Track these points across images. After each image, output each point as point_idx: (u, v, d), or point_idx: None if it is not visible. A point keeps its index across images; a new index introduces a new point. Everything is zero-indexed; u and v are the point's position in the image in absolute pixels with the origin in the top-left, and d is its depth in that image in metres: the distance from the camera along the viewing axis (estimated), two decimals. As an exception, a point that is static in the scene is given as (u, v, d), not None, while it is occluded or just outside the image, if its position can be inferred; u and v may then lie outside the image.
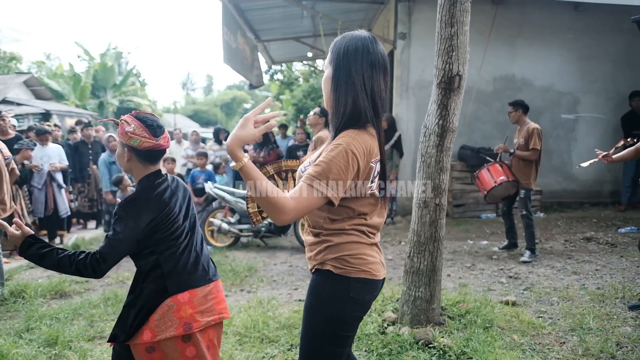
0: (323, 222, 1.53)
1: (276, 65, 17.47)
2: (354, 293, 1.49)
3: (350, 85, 1.47)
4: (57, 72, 23.20)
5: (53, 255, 1.71)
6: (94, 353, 3.06)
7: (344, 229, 1.51)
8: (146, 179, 1.85)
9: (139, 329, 1.77)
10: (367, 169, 1.48)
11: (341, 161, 1.40)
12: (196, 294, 1.83)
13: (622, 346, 2.88)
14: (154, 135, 1.81)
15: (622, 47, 8.03)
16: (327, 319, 1.50)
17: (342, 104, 1.48)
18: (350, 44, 1.49)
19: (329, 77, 1.53)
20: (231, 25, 8.27)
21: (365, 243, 1.53)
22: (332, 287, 1.50)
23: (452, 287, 4.13)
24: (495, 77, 8.05)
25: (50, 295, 4.27)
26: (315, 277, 1.56)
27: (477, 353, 2.73)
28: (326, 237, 1.52)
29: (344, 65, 1.48)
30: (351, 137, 1.44)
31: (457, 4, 2.90)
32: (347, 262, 1.49)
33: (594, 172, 8.38)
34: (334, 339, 1.53)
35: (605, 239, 5.72)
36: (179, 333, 1.77)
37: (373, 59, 1.49)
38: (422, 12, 7.68)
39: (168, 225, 1.81)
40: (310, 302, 1.55)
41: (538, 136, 4.91)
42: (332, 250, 1.50)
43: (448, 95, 2.99)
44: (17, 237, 1.74)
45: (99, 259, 1.69)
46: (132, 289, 1.86)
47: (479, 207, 7.64)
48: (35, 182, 6.27)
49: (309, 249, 1.59)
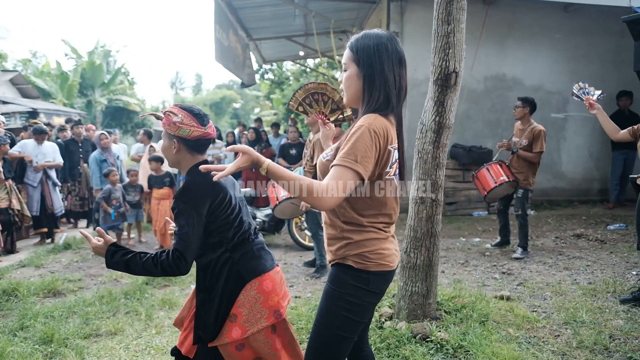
0: (345, 211, 1.61)
1: (267, 65, 17.45)
2: (372, 285, 1.62)
3: (383, 82, 1.58)
4: (43, 70, 22.86)
5: (137, 260, 1.70)
6: (91, 350, 3.04)
7: (363, 224, 1.61)
8: (195, 167, 1.83)
9: (223, 325, 1.76)
10: (386, 153, 1.56)
11: (366, 140, 1.49)
12: (276, 280, 1.85)
13: (615, 338, 2.93)
14: (201, 124, 1.83)
15: (610, 47, 8.17)
16: (349, 304, 1.60)
17: (375, 99, 1.58)
18: (379, 43, 1.59)
19: (355, 74, 1.62)
20: (223, 23, 8.25)
21: (382, 238, 1.63)
22: (353, 279, 1.61)
23: (447, 283, 4.17)
24: (486, 76, 8.14)
25: (44, 293, 4.22)
26: (336, 269, 1.66)
27: (474, 346, 2.77)
28: (347, 233, 1.61)
29: (377, 63, 1.58)
30: (372, 118, 1.54)
31: (453, 2, 2.93)
32: (367, 258, 1.60)
33: (583, 171, 8.53)
34: (351, 325, 1.63)
35: (594, 235, 5.82)
36: (271, 322, 1.78)
37: (400, 56, 1.62)
38: (414, 12, 7.74)
39: (226, 209, 1.79)
40: (332, 289, 1.64)
41: (544, 138, 4.89)
42: (353, 247, 1.61)
43: (444, 92, 3.02)
44: (101, 247, 1.72)
45: (179, 256, 1.68)
46: (200, 287, 1.82)
47: (471, 205, 7.72)
48: (30, 179, 6.21)
49: (328, 243, 1.69)
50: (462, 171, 7.58)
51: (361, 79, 1.61)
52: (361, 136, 1.49)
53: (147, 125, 23.61)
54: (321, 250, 4.76)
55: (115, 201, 6.02)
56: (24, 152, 6.23)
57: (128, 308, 3.80)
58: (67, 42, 24.83)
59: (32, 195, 6.21)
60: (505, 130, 7.92)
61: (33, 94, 17.69)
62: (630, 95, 7.43)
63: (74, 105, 20.98)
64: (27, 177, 6.21)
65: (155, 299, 4.03)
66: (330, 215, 1.66)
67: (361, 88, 1.62)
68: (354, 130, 1.53)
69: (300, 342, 2.99)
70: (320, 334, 1.64)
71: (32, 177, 6.22)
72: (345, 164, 1.47)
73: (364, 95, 1.61)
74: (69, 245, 6.19)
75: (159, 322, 3.52)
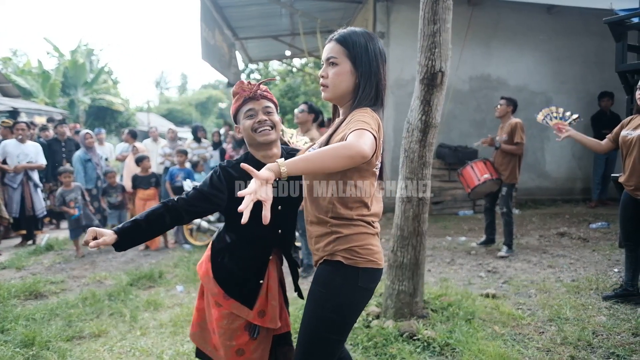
0: (332, 206, 1.58)
1: (253, 64, 17.38)
2: (362, 282, 1.57)
3: (377, 81, 1.61)
4: (24, 69, 22.42)
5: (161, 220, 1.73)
6: (74, 353, 2.98)
7: (352, 218, 1.58)
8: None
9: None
10: (379, 145, 1.55)
11: (372, 120, 1.49)
12: None
13: (598, 334, 2.98)
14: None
15: (592, 49, 8.31)
16: (336, 307, 1.55)
17: (366, 95, 1.59)
18: (373, 43, 1.62)
19: (349, 71, 1.60)
20: (209, 21, 8.19)
21: (370, 233, 1.61)
22: (342, 278, 1.56)
23: (434, 282, 4.19)
24: (471, 76, 8.22)
25: (25, 296, 4.13)
26: (324, 267, 1.60)
27: (461, 344, 2.79)
28: (335, 227, 1.58)
29: (374, 60, 1.60)
30: (367, 111, 1.55)
31: (439, 2, 2.95)
32: (357, 253, 1.56)
33: (566, 170, 8.66)
34: (340, 327, 1.58)
35: (578, 234, 5.91)
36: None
37: (385, 55, 1.66)
38: (401, 12, 7.77)
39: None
40: (319, 292, 1.59)
41: (521, 129, 5.00)
42: (342, 241, 1.56)
43: (431, 91, 3.03)
44: (110, 238, 1.64)
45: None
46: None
47: (457, 204, 7.78)
48: (10, 180, 6.07)
49: (315, 241, 1.64)
50: (448, 171, 7.63)
51: (356, 76, 1.60)
52: (367, 117, 1.49)
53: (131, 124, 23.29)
54: (309, 249, 4.75)
55: (71, 202, 5.66)
56: (4, 152, 6.11)
57: (112, 309, 3.74)
58: (49, 40, 24.64)
59: (12, 197, 6.08)
60: (490, 130, 7.98)
61: (14, 92, 17.30)
62: (612, 96, 7.55)
63: (56, 104, 20.61)
64: (7, 178, 6.08)
65: (140, 300, 3.97)
66: (318, 213, 1.62)
67: (353, 85, 1.61)
68: (357, 115, 1.50)
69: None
70: (309, 338, 1.58)
71: (12, 178, 6.08)
72: (363, 127, 1.42)
73: (357, 91, 1.60)
74: (51, 246, 6.08)
75: (143, 324, 3.47)
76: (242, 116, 1.84)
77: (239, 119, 1.87)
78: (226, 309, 1.88)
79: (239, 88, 1.85)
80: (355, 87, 1.60)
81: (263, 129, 1.79)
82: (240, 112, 1.85)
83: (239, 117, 1.87)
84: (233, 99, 1.88)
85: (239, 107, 1.85)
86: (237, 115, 1.88)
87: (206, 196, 1.77)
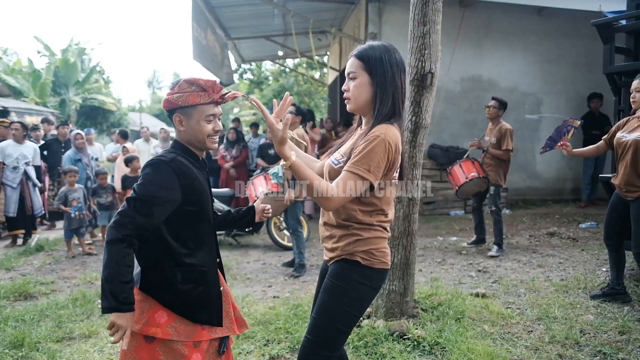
0: (355, 214, 1.72)
1: (245, 65, 17.34)
2: (374, 282, 1.74)
3: (394, 90, 1.72)
4: (15, 68, 22.19)
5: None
6: (64, 354, 2.96)
7: (372, 224, 1.73)
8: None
9: None
10: (395, 161, 1.69)
11: (380, 151, 1.62)
12: None
13: (585, 333, 3.02)
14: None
15: (582, 50, 8.40)
16: (352, 300, 1.72)
17: (385, 106, 1.70)
18: (389, 55, 1.72)
19: (367, 82, 1.72)
20: (201, 21, 8.17)
21: (385, 237, 1.77)
22: (359, 276, 1.72)
23: (424, 281, 4.22)
24: (462, 77, 8.27)
25: (14, 296, 4.10)
26: (342, 264, 1.75)
27: (450, 343, 2.81)
28: (357, 230, 1.72)
29: (389, 71, 1.71)
30: (386, 129, 1.65)
31: (429, 4, 2.98)
32: (373, 255, 1.73)
33: (557, 171, 8.74)
34: (352, 320, 1.75)
35: (567, 234, 5.97)
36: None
37: (404, 65, 1.77)
38: (393, 13, 7.80)
39: None
40: (338, 286, 1.73)
41: (510, 137, 5.05)
42: (362, 243, 1.72)
43: (421, 92, 3.06)
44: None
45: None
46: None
47: (448, 205, 7.83)
48: (9, 180, 6.04)
49: (334, 240, 1.77)
50: (440, 171, 7.68)
51: (374, 86, 1.71)
52: (376, 146, 1.61)
53: (123, 124, 23.14)
54: (300, 248, 4.76)
55: (75, 202, 5.70)
56: (4, 153, 6.10)
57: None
58: (40, 39, 24.35)
59: (10, 196, 6.05)
60: (481, 130, 7.99)
61: (4, 92, 17.21)
62: (601, 97, 7.64)
63: (47, 104, 20.41)
64: (5, 178, 6.05)
65: (130, 300, 3.95)
66: (338, 219, 1.74)
67: (372, 95, 1.72)
68: (369, 139, 1.63)
69: (279, 341, 2.99)
70: (321, 327, 1.72)
71: (11, 178, 6.06)
72: (358, 172, 1.61)
73: (375, 102, 1.72)
74: (41, 247, 6.03)
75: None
76: (200, 116, 1.71)
77: (191, 114, 1.71)
78: (208, 338, 1.75)
79: (210, 87, 1.72)
80: (374, 97, 1.72)
81: (216, 137, 1.77)
82: (198, 110, 1.71)
83: (192, 112, 1.71)
84: (195, 90, 1.70)
85: (199, 105, 1.71)
86: (190, 109, 1.71)
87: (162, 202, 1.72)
